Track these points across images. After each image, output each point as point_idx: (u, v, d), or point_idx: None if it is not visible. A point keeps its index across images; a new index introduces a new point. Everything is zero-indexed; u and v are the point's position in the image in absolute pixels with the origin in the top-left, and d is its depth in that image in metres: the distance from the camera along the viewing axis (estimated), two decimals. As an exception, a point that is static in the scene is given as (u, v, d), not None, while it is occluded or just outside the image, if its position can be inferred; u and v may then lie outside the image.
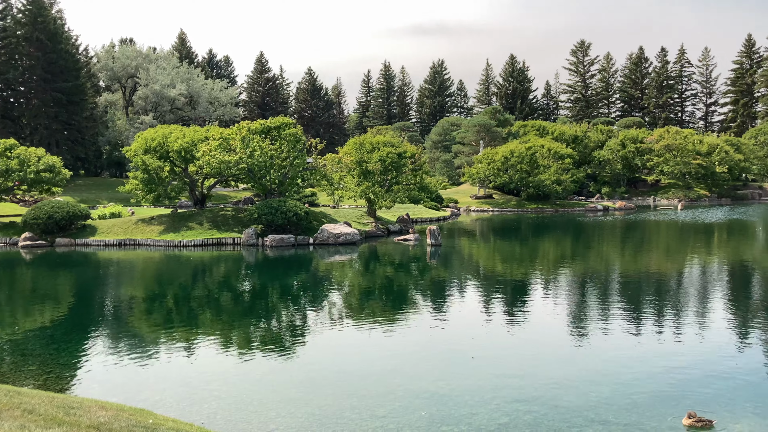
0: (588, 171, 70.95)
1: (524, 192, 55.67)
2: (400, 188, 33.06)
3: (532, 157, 54.41)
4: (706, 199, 68.07)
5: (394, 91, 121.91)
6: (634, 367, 9.61)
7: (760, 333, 11.84)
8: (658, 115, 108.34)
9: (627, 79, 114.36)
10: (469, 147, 73.65)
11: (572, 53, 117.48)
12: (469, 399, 8.33)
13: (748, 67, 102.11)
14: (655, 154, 70.07)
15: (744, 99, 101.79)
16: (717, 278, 19.02)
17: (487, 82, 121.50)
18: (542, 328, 12.45)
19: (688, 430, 7.16)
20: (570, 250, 27.13)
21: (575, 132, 74.40)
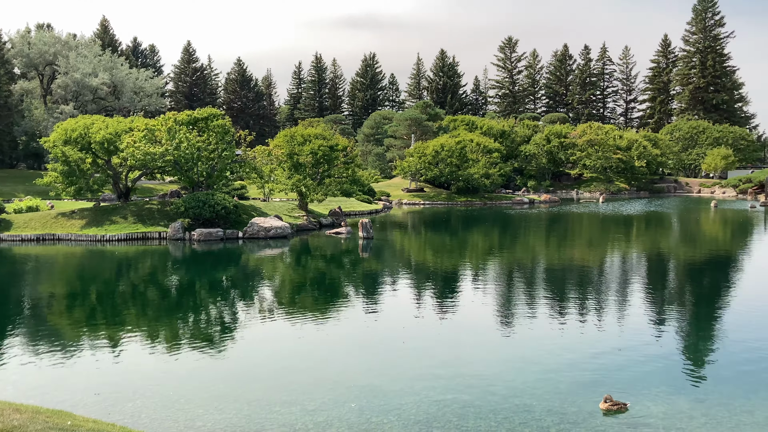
0: (515, 165, 72.76)
1: (454, 185, 56.56)
2: (331, 181, 32.96)
3: (462, 151, 55.31)
4: (626, 192, 71.02)
5: (325, 84, 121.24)
6: (558, 355, 9.94)
7: (674, 319, 12.48)
8: (582, 111, 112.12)
9: (552, 76, 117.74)
10: (400, 141, 74.16)
11: (500, 50, 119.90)
12: (398, 389, 8.42)
13: (665, 66, 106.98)
14: (578, 148, 72.53)
15: (661, 96, 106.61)
16: (636, 267, 19.91)
17: (418, 76, 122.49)
18: (471, 318, 12.71)
19: (605, 414, 7.47)
20: (498, 241, 27.79)
21: (503, 127, 76.11)
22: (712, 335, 11.25)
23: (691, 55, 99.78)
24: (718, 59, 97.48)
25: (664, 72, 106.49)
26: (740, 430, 7.08)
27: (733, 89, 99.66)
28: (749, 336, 11.10)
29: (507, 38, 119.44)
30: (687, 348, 10.50)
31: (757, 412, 7.58)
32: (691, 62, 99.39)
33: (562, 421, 7.35)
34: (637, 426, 7.23)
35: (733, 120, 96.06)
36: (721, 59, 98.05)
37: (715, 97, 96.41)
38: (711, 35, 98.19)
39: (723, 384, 8.63)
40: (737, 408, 7.72)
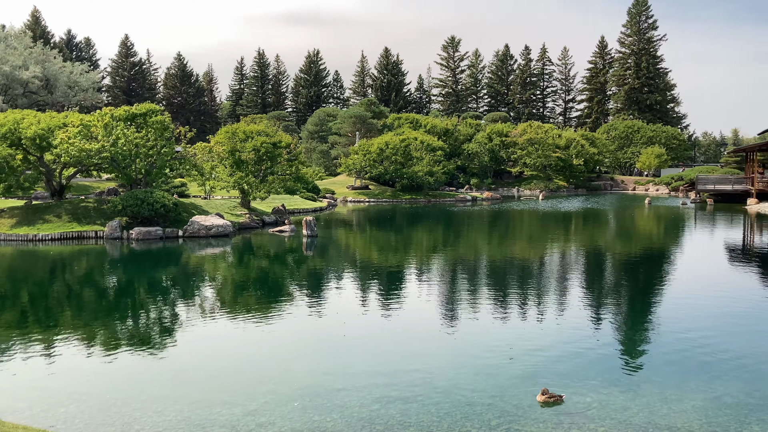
0: (458, 163, 73.62)
1: (399, 183, 56.84)
2: (275, 179, 32.62)
3: (406, 149, 55.64)
4: (565, 189, 72.88)
5: (268, 80, 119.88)
6: (499, 349, 10.12)
7: (611, 313, 12.88)
8: (522, 111, 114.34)
9: (494, 76, 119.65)
10: (345, 138, 74.04)
11: (443, 49, 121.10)
12: (341, 387, 8.41)
13: (602, 67, 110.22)
14: (519, 147, 73.99)
15: (598, 97, 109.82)
16: (574, 263, 20.45)
17: (363, 74, 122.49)
18: (415, 314, 12.80)
19: (542, 406, 7.65)
20: (442, 238, 28.08)
21: (446, 125, 76.93)
22: (646, 328, 11.66)
23: (627, 56, 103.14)
24: (651, 61, 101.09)
25: (601, 73, 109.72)
26: (671, 417, 7.36)
27: (666, 90, 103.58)
28: (680, 327, 11.55)
29: (450, 37, 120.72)
30: (622, 340, 10.84)
31: (685, 400, 7.90)
32: (627, 63, 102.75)
33: (502, 414, 7.48)
34: (573, 416, 7.43)
35: (666, 120, 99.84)
36: (655, 61, 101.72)
37: (649, 98, 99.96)
38: (645, 38, 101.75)
39: (656, 374, 8.95)
40: (669, 396, 8.03)
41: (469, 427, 7.15)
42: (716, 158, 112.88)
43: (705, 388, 8.33)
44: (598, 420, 7.33)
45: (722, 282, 17.00)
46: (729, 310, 13.13)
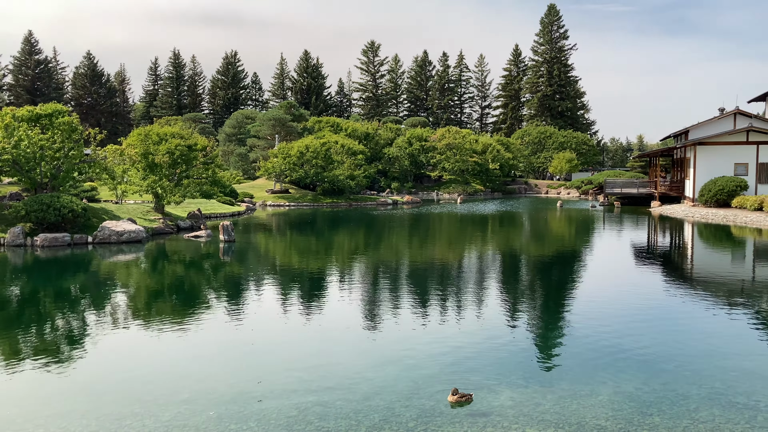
0: (379, 167, 74.14)
1: (320, 187, 56.60)
2: (190, 182, 31.75)
3: (327, 152, 55.49)
4: (482, 193, 74.70)
5: (184, 81, 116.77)
6: (418, 351, 10.22)
7: (525, 312, 13.27)
8: (441, 116, 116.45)
9: (413, 81, 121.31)
10: (264, 141, 73.07)
11: (363, 53, 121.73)
12: (258, 395, 8.26)
13: (516, 75, 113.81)
14: (438, 152, 75.28)
15: (513, 103, 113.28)
16: (491, 264, 20.96)
17: (282, 76, 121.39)
18: (334, 318, 12.74)
19: (453, 406, 7.79)
20: (363, 242, 28.14)
21: (367, 129, 77.32)
22: (559, 326, 12.08)
23: (539, 64, 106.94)
24: (563, 69, 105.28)
25: (516, 80, 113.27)
26: (581, 412, 7.65)
27: (576, 98, 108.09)
28: (591, 325, 12.03)
29: (370, 42, 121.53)
30: (537, 339, 11.18)
31: (594, 395, 8.24)
32: (540, 71, 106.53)
33: (420, 416, 7.56)
34: (488, 415, 7.59)
35: (576, 126, 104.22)
36: (566, 69, 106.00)
37: (561, 105, 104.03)
38: (557, 47, 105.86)
39: (567, 371, 9.29)
40: (579, 392, 8.35)
41: (387, 430, 7.18)
42: (623, 163, 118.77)
43: (612, 383, 8.71)
44: (512, 417, 7.53)
45: (629, 280, 17.86)
46: (635, 307, 13.81)
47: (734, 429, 7.21)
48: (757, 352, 10.32)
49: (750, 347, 10.64)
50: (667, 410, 7.74)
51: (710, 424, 7.35)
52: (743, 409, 7.79)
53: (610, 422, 7.38)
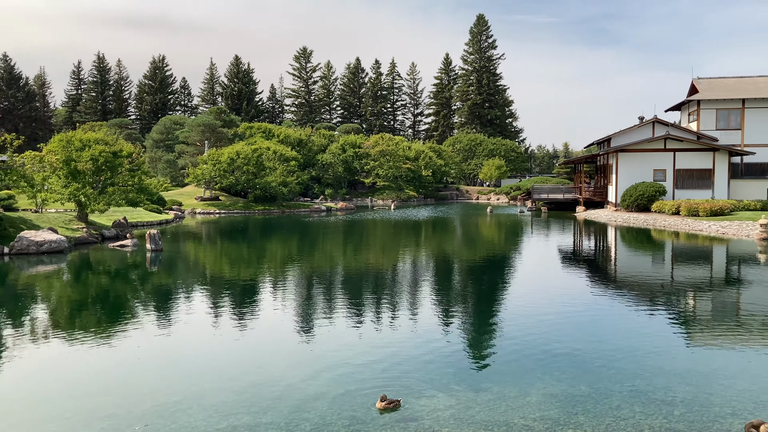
0: (312, 173, 73.82)
1: (251, 194, 55.84)
2: (115, 190, 30.67)
3: (259, 159, 54.84)
4: (415, 199, 75.47)
5: (109, 85, 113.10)
6: (351, 359, 10.19)
7: (458, 316, 13.45)
8: (374, 123, 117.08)
9: (346, 88, 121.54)
10: (193, 147, 71.53)
11: (295, 59, 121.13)
12: (187, 407, 8.04)
13: (447, 83, 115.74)
14: (372, 158, 75.62)
15: (444, 111, 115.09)
16: (424, 270, 21.16)
17: (212, 81, 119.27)
18: (267, 328, 12.56)
19: (382, 412, 7.81)
20: (296, 249, 27.89)
21: (300, 136, 76.91)
22: (490, 329, 12.30)
23: (469, 73, 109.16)
24: (491, 78, 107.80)
25: (447, 88, 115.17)
26: (510, 413, 7.81)
27: (505, 106, 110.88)
28: (520, 327, 12.32)
29: (302, 48, 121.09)
30: (469, 343, 11.35)
31: (522, 396, 8.44)
32: (469, 80, 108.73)
33: (352, 423, 7.53)
34: (418, 419, 7.65)
35: (505, 134, 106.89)
36: (494, 78, 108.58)
37: (490, 113, 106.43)
38: (485, 56, 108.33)
39: (497, 373, 9.47)
40: (507, 393, 8.52)
41: (319, 439, 7.12)
42: (549, 169, 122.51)
43: (540, 384, 8.94)
44: (442, 420, 7.61)
45: (556, 283, 18.39)
46: (562, 309, 14.22)
47: (653, 424, 7.52)
48: (674, 350, 10.81)
49: (668, 345, 11.13)
50: (592, 409, 8.00)
51: (631, 420, 7.64)
52: (661, 405, 8.13)
53: (538, 422, 7.56)
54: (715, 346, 11.06)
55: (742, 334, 11.80)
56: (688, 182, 44.77)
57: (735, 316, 13.54)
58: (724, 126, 47.81)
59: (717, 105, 47.77)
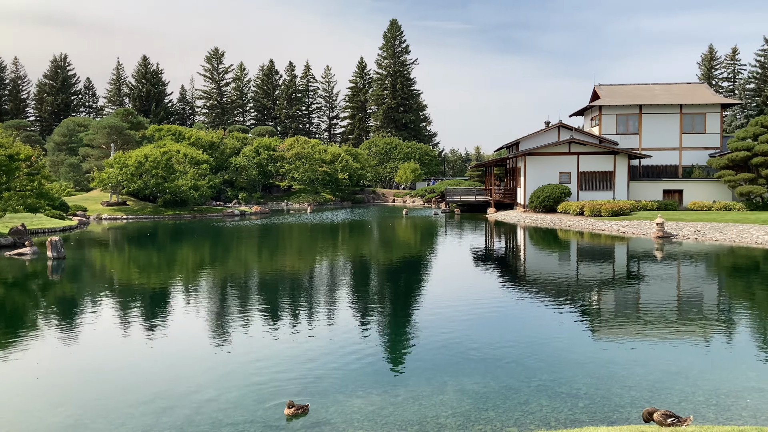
0: (225, 177, 72.29)
1: (161, 198, 54.06)
2: (12, 195, 28.93)
3: (168, 162, 53.15)
4: (332, 202, 75.33)
5: (5, 85, 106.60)
6: (266, 365, 10.06)
7: (374, 319, 13.52)
8: (289, 125, 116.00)
9: (260, 90, 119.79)
10: (99, 150, 68.50)
11: (207, 60, 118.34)
12: (89, 421, 7.68)
13: (362, 87, 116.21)
14: (287, 161, 74.90)
15: (359, 114, 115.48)
16: (341, 273, 21.15)
17: (119, 82, 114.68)
18: (179, 337, 12.19)
19: (289, 419, 7.74)
20: (209, 255, 27.20)
21: (212, 138, 75.17)
22: (405, 332, 12.44)
23: (384, 77, 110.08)
24: (405, 83, 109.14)
25: (362, 92, 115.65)
26: (423, 412, 7.93)
27: (419, 110, 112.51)
28: (435, 328, 12.54)
29: (214, 49, 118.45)
30: (384, 345, 11.43)
31: (435, 395, 8.59)
32: (384, 84, 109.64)
33: (264, 430, 7.43)
34: (330, 423, 7.64)
35: (420, 137, 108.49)
36: (408, 83, 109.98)
37: (404, 117, 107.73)
38: (399, 60, 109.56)
39: (412, 374, 9.59)
40: (421, 393, 8.65)
41: (231, 448, 6.98)
42: (462, 172, 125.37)
43: (453, 383, 9.13)
44: (356, 422, 7.63)
45: (469, 283, 18.85)
46: (475, 308, 14.59)
47: (558, 417, 7.84)
48: (579, 344, 11.31)
49: (573, 340, 11.63)
50: (501, 404, 8.24)
51: (538, 414, 7.93)
52: (566, 398, 8.49)
53: (450, 420, 7.72)
54: (616, 339, 11.66)
55: (640, 327, 12.50)
56: (591, 184, 46.98)
57: (635, 311, 14.32)
58: (623, 130, 50.52)
59: (617, 111, 50.43)
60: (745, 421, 7.57)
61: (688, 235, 30.58)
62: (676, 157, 50.08)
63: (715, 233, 29.98)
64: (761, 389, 8.75)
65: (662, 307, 14.50)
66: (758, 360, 10.31)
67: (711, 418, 7.68)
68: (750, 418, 7.71)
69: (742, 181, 42.57)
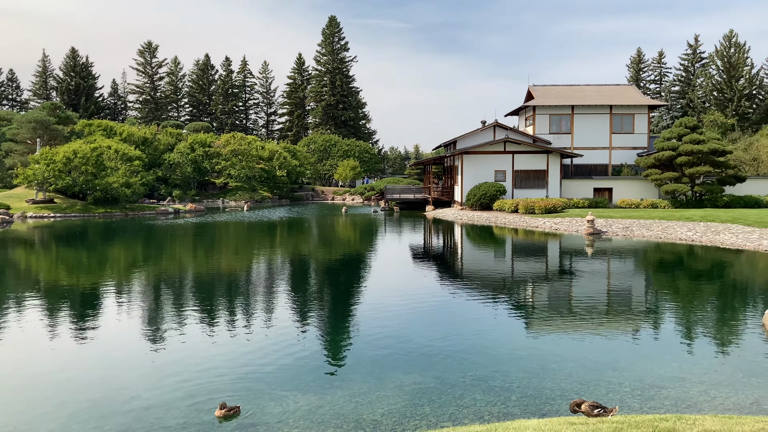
0: (159, 174, 70.49)
1: (91, 195, 52.21)
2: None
3: (99, 158, 51.40)
4: (269, 200, 74.50)
5: None
6: (202, 367, 9.86)
7: (314, 318, 13.44)
8: (225, 121, 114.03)
9: (195, 85, 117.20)
10: (23, 145, 65.56)
11: (140, 53, 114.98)
12: (14, 430, 7.35)
13: (301, 83, 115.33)
14: (223, 158, 73.57)
15: (298, 111, 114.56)
16: (279, 272, 20.93)
17: (45, 74, 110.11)
18: (110, 339, 11.79)
19: (221, 421, 7.62)
20: (141, 254, 26.43)
21: (145, 134, 73.17)
22: (344, 329, 12.42)
23: (323, 74, 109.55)
24: (344, 80, 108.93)
25: (300, 88, 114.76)
26: (359, 410, 7.94)
27: (358, 108, 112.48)
28: (373, 326, 12.57)
29: (146, 42, 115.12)
30: (323, 345, 11.38)
31: (371, 392, 8.62)
32: (323, 81, 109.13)
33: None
34: (266, 423, 7.56)
35: (359, 135, 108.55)
36: (347, 80, 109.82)
37: (344, 114, 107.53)
38: (338, 58, 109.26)
39: (350, 372, 9.59)
40: (358, 391, 8.67)
41: (162, 452, 6.80)
42: (402, 170, 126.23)
43: (389, 380, 9.18)
44: (291, 422, 7.58)
45: (407, 280, 18.98)
46: (414, 305, 14.71)
47: (492, 410, 7.99)
48: (513, 338, 11.57)
49: (507, 334, 11.88)
50: (436, 399, 8.34)
51: (473, 408, 8.06)
52: (500, 391, 8.67)
53: (386, 417, 7.76)
54: (549, 333, 11.98)
55: (572, 321, 12.88)
56: (525, 182, 48.08)
57: (567, 305, 14.75)
58: (556, 130, 51.94)
59: (550, 111, 51.79)
60: (667, 410, 7.91)
61: (617, 231, 31.70)
62: (606, 156, 51.86)
63: (643, 230, 31.19)
64: (682, 378, 9.17)
65: (592, 302, 15.00)
66: (680, 350, 10.79)
67: (636, 408, 7.99)
68: (671, 406, 8.06)
69: (667, 179, 44.43)
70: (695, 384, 8.93)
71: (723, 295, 15.99)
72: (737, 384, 8.92)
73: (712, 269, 20.66)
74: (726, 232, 28.06)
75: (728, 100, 79.53)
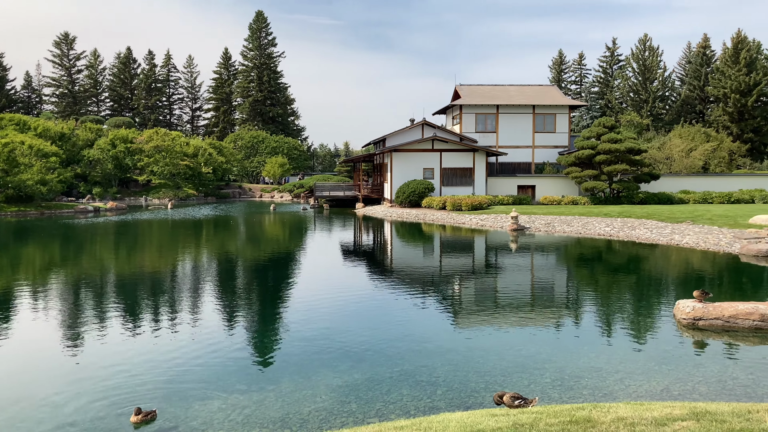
0: (78, 170, 67.74)
1: (2, 194, 49.53)
2: None
3: (11, 154, 48.87)
4: (194, 198, 72.79)
5: None
6: (125, 370, 9.57)
7: (243, 318, 13.22)
8: (148, 117, 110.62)
9: (116, 79, 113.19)
10: (-74, 140, 61.42)
11: (56, 45, 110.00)
12: None
13: (227, 78, 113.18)
14: (146, 154, 71.41)
15: (224, 107, 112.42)
16: (205, 271, 20.47)
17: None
18: (25, 343, 11.23)
19: (137, 426, 7.40)
20: (59, 255, 25.29)
21: (62, 129, 70.07)
22: (273, 328, 12.29)
23: (250, 69, 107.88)
24: (272, 76, 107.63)
25: (227, 83, 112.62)
26: (285, 408, 7.89)
27: (286, 104, 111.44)
28: (305, 323, 12.49)
29: (63, 33, 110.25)
30: (251, 345, 11.21)
31: (299, 391, 8.57)
32: (250, 76, 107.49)
33: (118, 438, 7.07)
34: (190, 426, 7.40)
35: (288, 132, 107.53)
36: (275, 76, 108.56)
37: (272, 110, 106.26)
38: (266, 53, 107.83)
39: (278, 371, 9.51)
40: (285, 390, 8.60)
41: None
42: (332, 168, 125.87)
43: (318, 378, 9.16)
44: (216, 423, 7.46)
45: (336, 277, 18.96)
46: (344, 302, 14.72)
47: (418, 405, 8.10)
48: (439, 333, 11.76)
49: (434, 329, 12.07)
50: (363, 396, 8.38)
51: (399, 403, 8.15)
52: (426, 386, 8.79)
53: (312, 415, 7.74)
54: (474, 327, 12.24)
55: (495, 315, 13.21)
56: (453, 180, 48.88)
57: (491, 300, 15.10)
58: (482, 129, 53.05)
59: (476, 110, 52.84)
60: (585, 399, 8.24)
61: (540, 227, 32.70)
62: (529, 154, 53.38)
63: (564, 225, 32.30)
64: (599, 368, 9.57)
65: (516, 296, 15.42)
66: (598, 342, 11.25)
67: (555, 398, 8.28)
68: (589, 395, 8.40)
69: (587, 177, 46.15)
70: (611, 373, 9.33)
71: (638, 287, 16.77)
72: (650, 372, 9.39)
73: (628, 263, 21.63)
74: (641, 228, 29.43)
75: (643, 101, 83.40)
